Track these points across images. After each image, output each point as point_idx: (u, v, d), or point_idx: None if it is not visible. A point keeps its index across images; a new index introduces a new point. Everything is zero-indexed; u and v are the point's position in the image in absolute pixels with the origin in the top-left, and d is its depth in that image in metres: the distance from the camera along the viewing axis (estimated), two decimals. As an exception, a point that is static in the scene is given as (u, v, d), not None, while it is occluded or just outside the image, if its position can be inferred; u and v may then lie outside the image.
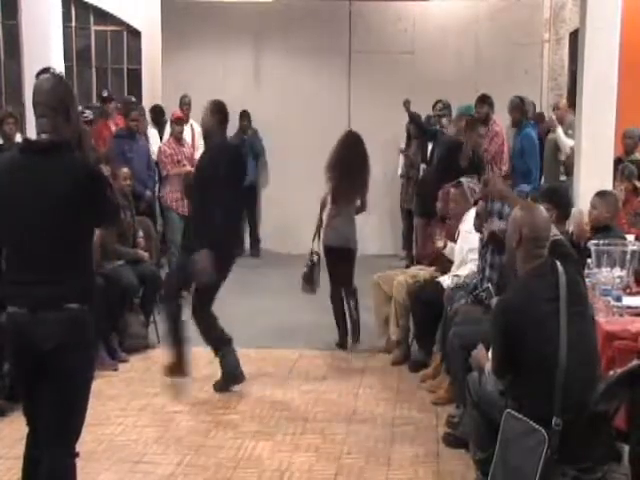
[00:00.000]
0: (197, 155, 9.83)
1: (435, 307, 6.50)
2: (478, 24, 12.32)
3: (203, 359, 7.29)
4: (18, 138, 8.22)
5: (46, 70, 3.83)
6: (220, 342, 6.54)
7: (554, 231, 4.25)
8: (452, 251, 6.88)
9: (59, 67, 9.03)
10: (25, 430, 3.82)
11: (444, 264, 7.05)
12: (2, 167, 3.77)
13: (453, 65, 11.09)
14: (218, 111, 6.53)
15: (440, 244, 7.13)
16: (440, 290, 6.57)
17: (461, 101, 9.07)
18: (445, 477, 4.93)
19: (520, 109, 9.28)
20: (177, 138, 9.74)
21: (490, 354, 4.19)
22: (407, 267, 7.87)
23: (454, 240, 6.79)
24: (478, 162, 8.32)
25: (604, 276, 5.07)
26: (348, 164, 7.61)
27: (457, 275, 6.49)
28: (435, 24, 12.43)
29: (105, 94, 11.44)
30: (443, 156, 8.93)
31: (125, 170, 7.95)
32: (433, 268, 7.28)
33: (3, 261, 3.70)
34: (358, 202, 7.81)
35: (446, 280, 6.55)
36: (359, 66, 12.34)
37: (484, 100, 8.82)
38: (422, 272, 7.31)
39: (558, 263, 3.91)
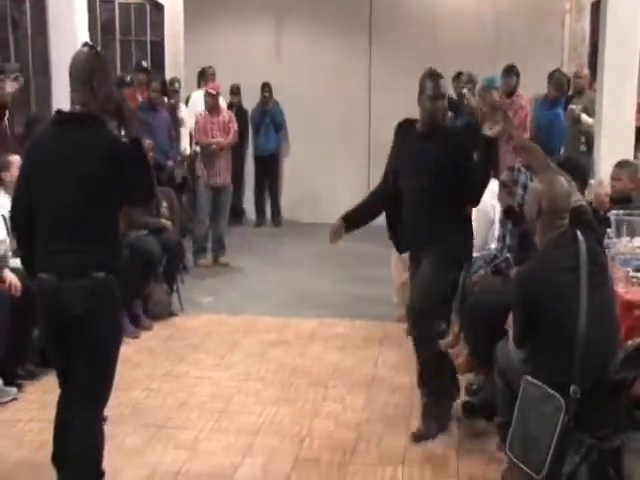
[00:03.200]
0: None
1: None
2: (482, 9, 12.17)
3: (226, 326, 7.33)
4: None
5: (85, 44, 3.78)
6: None
7: (577, 196, 4.20)
8: None
9: (84, 39, 9.00)
10: (56, 393, 3.86)
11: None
12: (37, 138, 3.83)
13: (474, 36, 10.97)
14: None
15: None
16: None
17: (482, 71, 8.95)
18: (464, 444, 4.91)
19: (561, 86, 9.10)
20: (209, 108, 9.67)
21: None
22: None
23: None
24: None
25: (624, 246, 5.01)
26: None
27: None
28: (451, 7, 12.28)
29: (144, 64, 11.40)
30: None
31: (148, 142, 7.93)
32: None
33: (38, 230, 3.70)
34: None
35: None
36: (379, 39, 12.26)
37: (511, 70, 8.65)
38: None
39: (579, 232, 3.87)
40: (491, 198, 6.27)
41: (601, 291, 3.86)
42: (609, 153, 7.61)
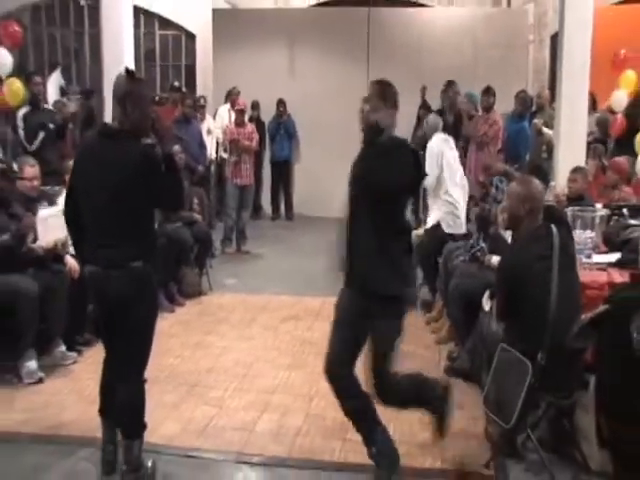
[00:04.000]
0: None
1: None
2: (475, 27, 12.16)
3: (247, 303, 7.32)
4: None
5: (125, 70, 3.78)
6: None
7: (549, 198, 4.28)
8: None
9: (130, 66, 9.03)
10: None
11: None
12: (83, 146, 3.93)
13: (455, 61, 10.93)
14: None
15: None
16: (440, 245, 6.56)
17: (463, 90, 8.96)
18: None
19: (525, 104, 9.34)
20: (238, 123, 9.64)
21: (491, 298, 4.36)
22: (416, 228, 7.79)
23: None
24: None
25: (578, 237, 5.03)
26: None
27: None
28: (439, 26, 12.28)
29: (176, 84, 11.44)
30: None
31: (176, 147, 7.92)
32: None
33: (85, 226, 3.75)
34: None
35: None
36: (376, 61, 12.22)
37: (488, 91, 8.74)
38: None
39: (553, 227, 3.92)
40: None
41: (569, 276, 3.93)
42: (565, 160, 7.74)
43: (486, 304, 4.67)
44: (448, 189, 6.76)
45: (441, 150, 6.79)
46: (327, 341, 4.22)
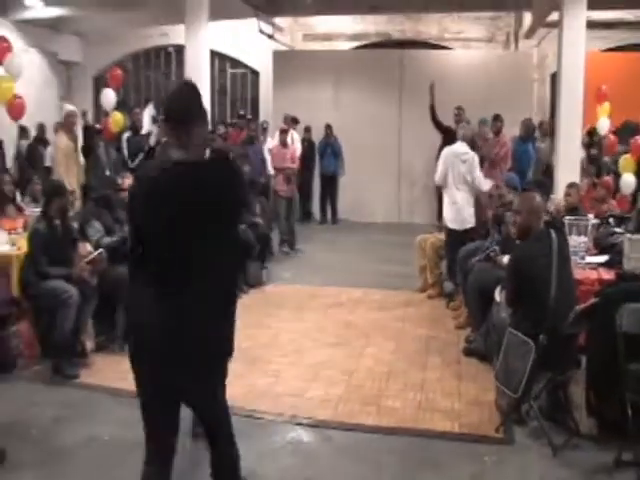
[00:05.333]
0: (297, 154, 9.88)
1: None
2: (489, 67, 12.03)
3: (299, 292, 7.35)
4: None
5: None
6: None
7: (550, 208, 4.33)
8: None
9: (207, 99, 9.15)
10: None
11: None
12: None
13: (471, 94, 10.81)
14: None
15: None
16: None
17: (476, 119, 8.88)
18: (463, 376, 4.89)
19: (528, 129, 9.30)
20: (282, 143, 9.69)
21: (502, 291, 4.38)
22: (439, 232, 7.75)
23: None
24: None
25: (573, 241, 5.02)
26: None
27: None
28: (459, 66, 12.21)
29: (242, 112, 11.57)
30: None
31: (246, 167, 8.00)
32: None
33: None
34: None
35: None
36: (406, 95, 12.19)
37: (497, 118, 8.66)
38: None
39: (552, 232, 4.00)
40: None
41: (565, 272, 3.96)
42: (563, 178, 7.67)
43: (497, 296, 4.65)
44: (452, 191, 6.73)
45: (449, 158, 6.76)
46: (364, 324, 4.23)
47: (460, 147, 6.81)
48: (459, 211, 6.73)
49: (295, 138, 10.25)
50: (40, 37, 12.70)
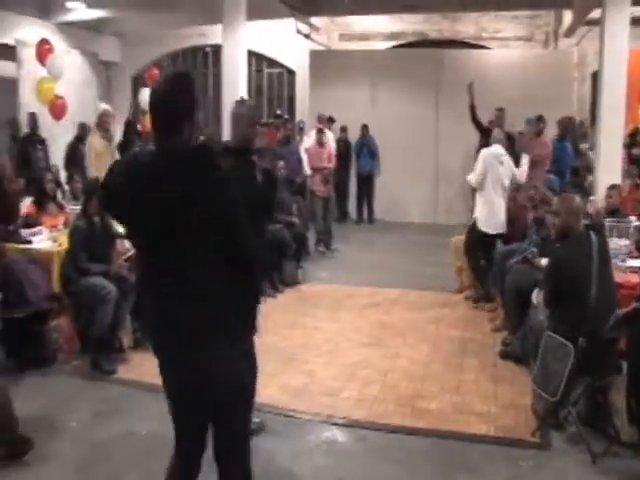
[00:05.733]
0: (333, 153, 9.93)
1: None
2: (527, 65, 11.88)
3: (335, 292, 7.35)
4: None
5: (242, 100, 3.82)
6: None
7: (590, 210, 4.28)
8: None
9: (244, 98, 9.24)
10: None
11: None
12: None
13: (510, 94, 10.66)
14: None
15: None
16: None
17: (516, 119, 8.76)
18: (499, 379, 4.83)
19: (565, 128, 9.15)
20: (319, 143, 9.71)
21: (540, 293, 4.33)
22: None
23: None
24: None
25: (614, 244, 4.95)
26: None
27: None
28: (497, 65, 12.08)
29: (279, 112, 11.62)
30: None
31: (281, 164, 8.03)
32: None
33: None
34: None
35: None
36: (443, 94, 12.11)
37: (540, 119, 8.54)
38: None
39: (592, 233, 3.96)
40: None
41: (606, 275, 3.92)
42: (604, 179, 7.56)
43: (535, 299, 4.60)
44: (489, 193, 6.66)
45: (488, 159, 6.68)
46: (400, 325, 4.16)
47: (498, 149, 6.76)
48: (495, 214, 6.65)
49: (329, 137, 10.24)
50: (81, 38, 12.95)
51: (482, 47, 13.90)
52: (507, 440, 3.91)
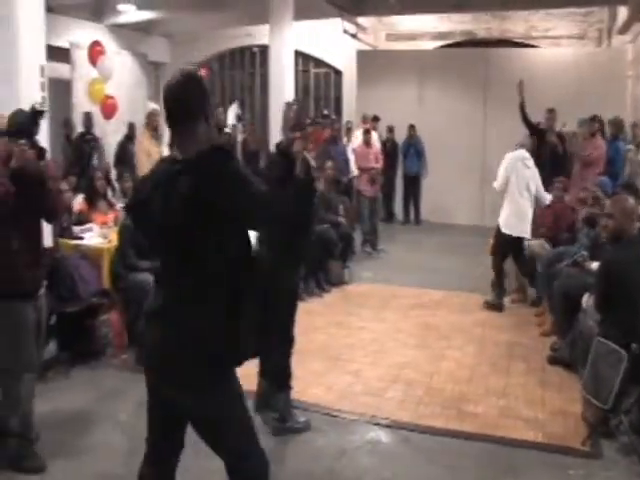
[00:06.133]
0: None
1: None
2: (579, 64, 11.63)
3: (380, 292, 7.33)
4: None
5: (290, 101, 3.86)
6: None
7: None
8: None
9: (291, 98, 9.28)
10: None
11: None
12: None
13: (560, 94, 10.44)
14: None
15: None
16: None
17: (567, 119, 8.57)
18: (547, 385, 4.75)
19: (617, 127, 8.91)
20: (366, 143, 9.69)
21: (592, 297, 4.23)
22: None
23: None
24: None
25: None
26: None
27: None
28: (548, 64, 11.83)
29: (326, 112, 11.66)
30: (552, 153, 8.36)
31: (329, 164, 8.07)
32: (542, 239, 6.89)
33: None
34: None
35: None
36: (491, 94, 11.96)
37: (594, 119, 8.34)
38: (533, 242, 6.93)
39: None
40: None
41: None
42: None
43: (585, 303, 4.50)
44: (514, 196, 6.61)
45: (511, 163, 6.66)
46: (445, 326, 4.12)
47: (522, 153, 6.72)
48: (521, 218, 6.59)
49: (375, 138, 10.22)
50: (131, 40, 13.20)
51: (532, 46, 13.69)
52: (556, 448, 3.83)
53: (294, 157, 3.46)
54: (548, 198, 6.82)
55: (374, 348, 5.51)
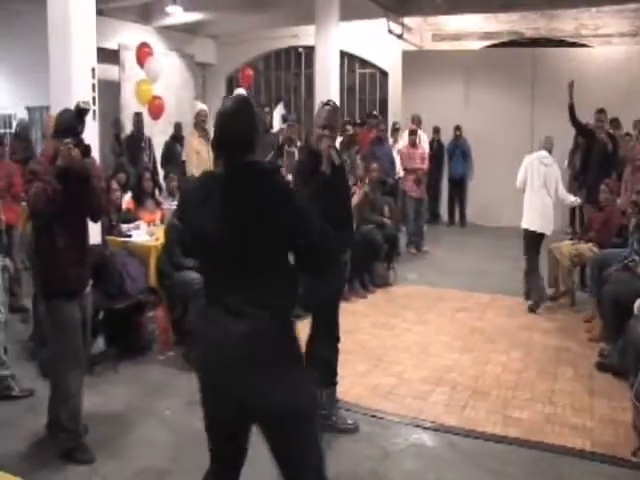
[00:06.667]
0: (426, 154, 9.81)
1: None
2: (631, 63, 11.34)
3: (425, 294, 7.27)
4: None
5: (326, 102, 3.87)
6: None
7: None
8: None
9: (336, 98, 9.29)
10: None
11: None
12: None
13: (610, 95, 10.19)
14: None
15: None
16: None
17: (619, 113, 8.36)
18: (595, 392, 4.64)
19: None
20: (411, 144, 9.64)
21: None
22: (571, 239, 7.40)
23: None
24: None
25: None
26: None
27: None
28: (598, 64, 11.60)
29: (374, 112, 11.66)
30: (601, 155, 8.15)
31: (374, 165, 8.06)
32: (591, 243, 6.76)
33: None
34: None
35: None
36: (539, 95, 11.76)
37: None
38: (582, 245, 6.80)
39: None
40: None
41: None
42: None
43: (637, 310, 4.39)
44: (531, 194, 6.68)
45: (529, 163, 6.77)
46: (492, 330, 4.07)
47: (541, 153, 6.81)
48: (543, 214, 6.61)
49: (423, 139, 10.16)
50: (179, 41, 13.41)
51: (582, 45, 13.40)
52: (605, 457, 3.73)
53: (321, 154, 3.56)
54: (570, 199, 6.99)
55: (418, 350, 5.47)
